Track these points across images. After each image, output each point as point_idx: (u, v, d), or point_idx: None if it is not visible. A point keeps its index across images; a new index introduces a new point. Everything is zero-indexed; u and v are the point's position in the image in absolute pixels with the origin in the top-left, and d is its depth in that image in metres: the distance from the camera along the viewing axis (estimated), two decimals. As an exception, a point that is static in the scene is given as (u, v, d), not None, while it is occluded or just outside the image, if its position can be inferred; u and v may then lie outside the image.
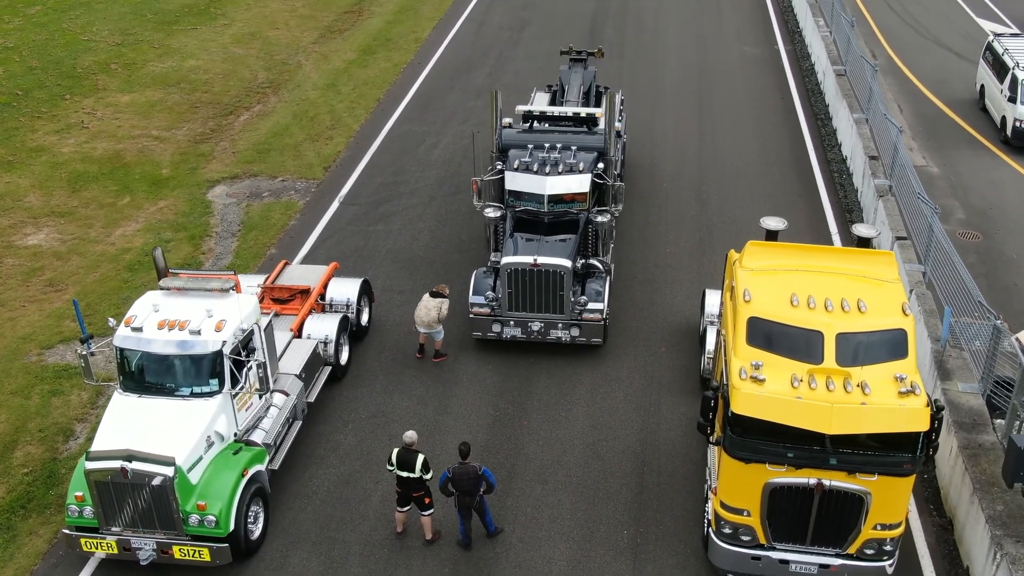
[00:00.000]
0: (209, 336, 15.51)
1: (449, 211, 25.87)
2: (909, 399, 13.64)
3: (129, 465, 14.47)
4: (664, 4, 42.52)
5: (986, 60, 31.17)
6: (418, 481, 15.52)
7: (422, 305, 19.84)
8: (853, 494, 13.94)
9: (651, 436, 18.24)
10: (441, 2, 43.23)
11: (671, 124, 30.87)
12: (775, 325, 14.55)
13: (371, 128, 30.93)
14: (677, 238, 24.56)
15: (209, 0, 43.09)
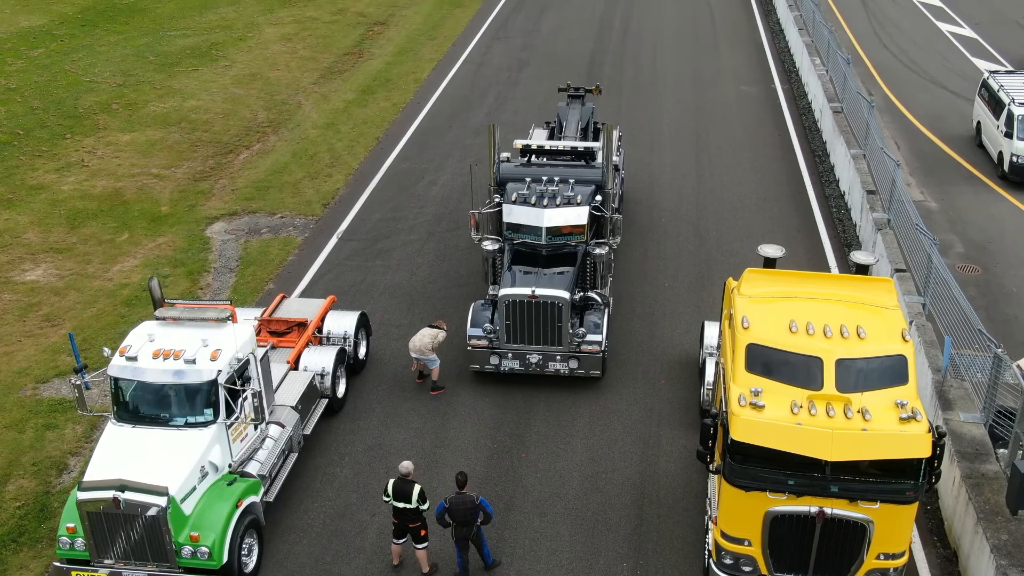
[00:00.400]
0: (204, 365, 15.41)
1: (447, 246, 25.86)
2: (910, 425, 13.50)
3: (122, 495, 14.30)
4: (661, 45, 42.89)
5: (982, 97, 31.33)
6: (414, 512, 15.33)
7: (418, 333, 19.93)
8: (855, 522, 13.74)
9: (651, 468, 18.05)
10: (440, 44, 43.60)
11: (669, 160, 30.97)
12: (774, 351, 14.45)
13: (370, 166, 31.04)
14: (676, 272, 24.52)
15: (210, 43, 43.49)
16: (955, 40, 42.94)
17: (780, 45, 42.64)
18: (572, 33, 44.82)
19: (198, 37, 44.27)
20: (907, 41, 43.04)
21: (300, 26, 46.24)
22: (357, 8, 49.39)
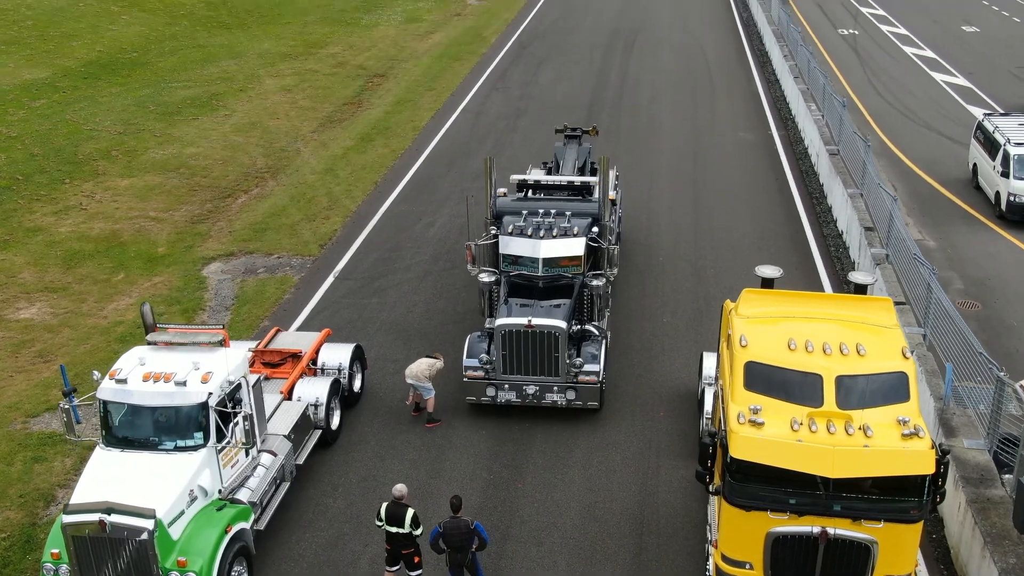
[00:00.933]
0: (194, 387, 15.18)
1: (445, 285, 25.74)
2: (913, 441, 13.23)
3: (108, 518, 13.97)
4: (658, 94, 43.23)
5: (977, 139, 31.47)
6: (407, 537, 14.97)
7: (416, 361, 19.82)
8: (859, 543, 13.39)
9: (650, 498, 17.70)
10: (439, 95, 43.97)
11: (666, 203, 31.01)
12: (773, 369, 14.22)
13: (368, 209, 31.07)
14: (674, 308, 24.36)
15: (211, 93, 43.87)
16: (949, 88, 43.32)
17: (776, 94, 42.99)
18: (570, 84, 45.23)
19: (199, 88, 44.66)
20: (901, 90, 43.41)
21: (300, 78, 46.69)
22: (357, 61, 49.93)
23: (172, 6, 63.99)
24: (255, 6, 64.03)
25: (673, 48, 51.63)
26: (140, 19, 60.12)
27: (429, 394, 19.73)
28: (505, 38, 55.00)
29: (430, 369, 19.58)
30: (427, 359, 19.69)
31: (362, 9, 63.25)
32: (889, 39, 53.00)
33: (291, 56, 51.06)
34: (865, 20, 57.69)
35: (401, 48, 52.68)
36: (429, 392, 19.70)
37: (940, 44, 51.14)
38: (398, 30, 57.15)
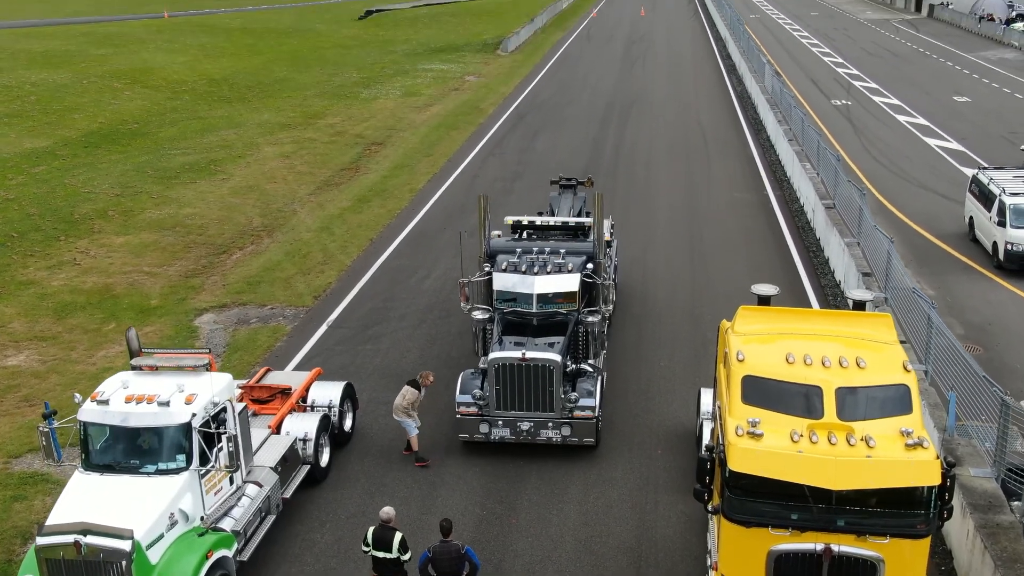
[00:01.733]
0: (178, 408, 14.80)
1: (439, 332, 25.45)
2: (917, 452, 12.81)
3: (83, 539, 13.45)
4: (654, 159, 43.48)
5: (972, 192, 31.53)
6: (395, 563, 14.42)
7: (399, 393, 19.47)
8: (865, 560, 12.85)
9: (648, 533, 17.13)
10: (436, 160, 44.23)
11: (662, 257, 30.88)
12: (771, 382, 13.86)
13: (363, 263, 30.92)
14: (671, 353, 24.02)
15: (210, 160, 44.15)
16: (943, 152, 43.61)
17: (771, 158, 43.25)
18: (566, 150, 45.53)
19: (198, 155, 44.97)
20: (896, 154, 43.69)
21: (299, 145, 47.05)
22: (355, 131, 50.39)
23: (174, 83, 64.99)
24: (256, 83, 65.00)
25: (668, 118, 52.19)
26: (142, 95, 60.97)
27: (412, 432, 19.24)
28: (502, 110, 55.63)
29: (403, 400, 19.15)
30: (410, 389, 19.28)
31: (361, 85, 64.17)
32: (882, 108, 53.60)
33: (290, 126, 51.58)
34: (857, 92, 58.44)
35: (399, 119, 53.25)
36: (412, 429, 19.23)
37: (932, 113, 51.71)
38: (397, 103, 57.84)
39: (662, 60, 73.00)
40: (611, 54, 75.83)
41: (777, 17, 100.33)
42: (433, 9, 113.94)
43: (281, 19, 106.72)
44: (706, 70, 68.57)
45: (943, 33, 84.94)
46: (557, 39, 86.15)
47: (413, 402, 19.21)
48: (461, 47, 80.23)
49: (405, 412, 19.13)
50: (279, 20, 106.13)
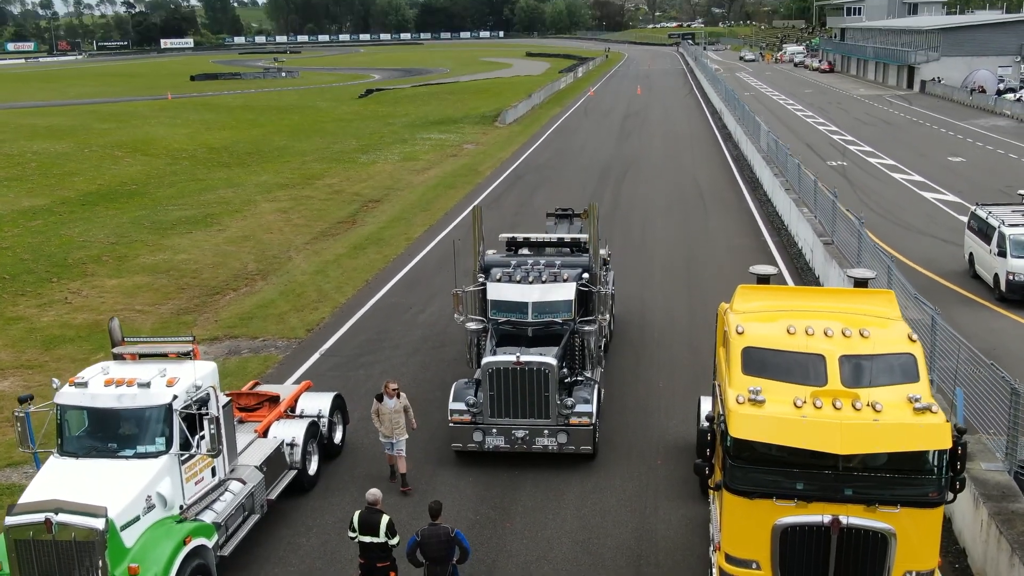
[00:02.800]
0: (159, 389, 14.32)
1: (433, 359, 24.97)
2: (926, 416, 12.30)
3: (55, 517, 12.83)
4: (651, 212, 43.35)
5: (971, 228, 31.35)
6: (382, 548, 13.75)
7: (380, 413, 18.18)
8: (876, 533, 12.22)
9: (648, 534, 16.45)
10: (433, 214, 44.17)
11: (660, 295, 30.55)
12: (772, 352, 13.40)
13: (357, 300, 30.57)
14: (670, 376, 23.51)
15: (207, 214, 44.15)
16: (940, 204, 43.60)
17: (768, 210, 43.17)
18: (563, 204, 45.38)
19: (194, 211, 44.98)
20: (893, 206, 43.62)
21: (296, 202, 47.10)
22: (353, 189, 50.52)
23: (174, 151, 65.55)
24: (255, 150, 65.50)
25: (665, 178, 52.32)
26: (142, 161, 61.41)
27: (403, 449, 18.18)
28: (500, 172, 55.88)
29: (398, 412, 18.11)
30: (390, 400, 18.11)
31: (360, 151, 64.64)
32: (878, 168, 53.80)
33: (288, 186, 51.74)
34: (853, 154, 58.76)
35: (397, 180, 53.44)
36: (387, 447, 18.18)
37: (928, 171, 51.87)
38: (395, 166, 58.16)
39: (658, 130, 73.70)
40: (608, 125, 76.59)
41: (771, 94, 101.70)
42: (432, 89, 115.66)
43: (283, 99, 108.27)
44: (702, 137, 69.18)
45: (936, 106, 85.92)
46: (554, 114, 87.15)
47: (376, 411, 18.07)
48: (459, 119, 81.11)
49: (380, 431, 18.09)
50: (280, 99, 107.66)
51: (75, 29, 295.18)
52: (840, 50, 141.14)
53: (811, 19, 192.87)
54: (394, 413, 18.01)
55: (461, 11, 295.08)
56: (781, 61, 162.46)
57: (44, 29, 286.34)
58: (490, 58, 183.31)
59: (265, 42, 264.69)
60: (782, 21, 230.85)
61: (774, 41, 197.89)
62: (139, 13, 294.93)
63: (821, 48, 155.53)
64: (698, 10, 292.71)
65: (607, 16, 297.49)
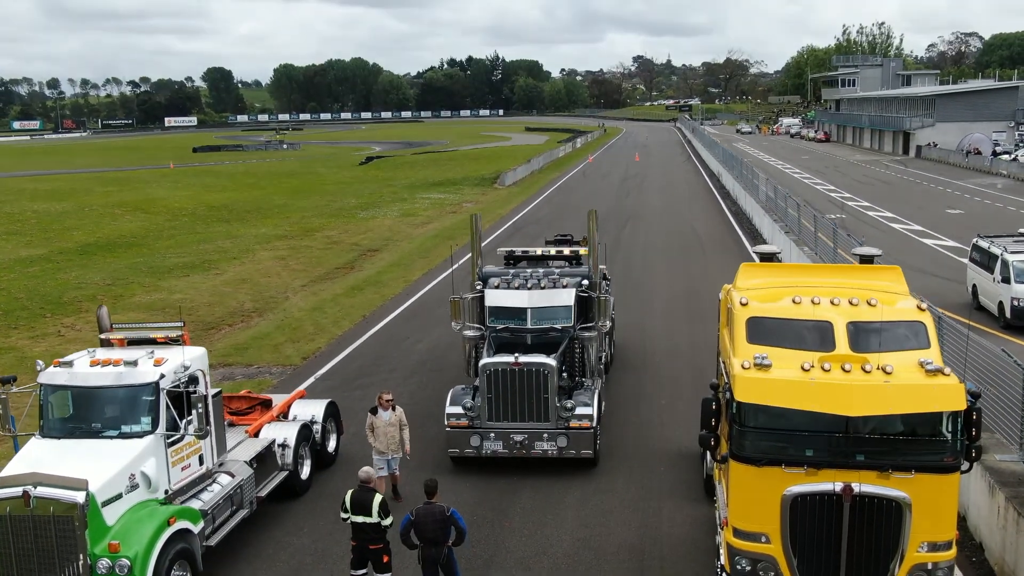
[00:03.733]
0: (145, 368, 13.90)
1: (430, 380, 24.50)
2: (938, 377, 11.88)
3: (33, 491, 12.30)
4: (650, 253, 43.18)
5: (974, 260, 31.14)
6: (375, 529, 13.19)
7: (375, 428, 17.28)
8: (890, 501, 11.69)
9: (652, 532, 15.85)
10: (432, 260, 43.91)
11: (661, 323, 30.22)
12: (778, 321, 13.04)
13: (355, 332, 30.19)
14: (672, 393, 23.03)
15: (204, 260, 43.97)
16: (941, 249, 43.45)
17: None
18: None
19: (192, 257, 44.81)
20: (895, 251, 43.25)
21: (294, 250, 46.97)
22: (352, 240, 50.42)
23: (174, 210, 65.72)
24: (255, 208, 65.63)
25: (665, 228, 52.27)
26: (141, 218, 61.48)
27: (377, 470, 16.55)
28: (500, 224, 55.89)
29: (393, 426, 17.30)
30: (384, 412, 17.38)
31: (360, 208, 64.79)
32: (877, 219, 53.80)
33: (287, 237, 51.67)
34: (851, 209, 58.82)
35: (397, 232, 53.39)
36: (379, 466, 17.08)
37: (927, 222, 51.85)
38: (395, 220, 58.19)
39: (657, 188, 74.04)
40: (607, 186, 76.94)
41: (769, 160, 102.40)
42: (432, 155, 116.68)
43: (284, 166, 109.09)
44: (700, 195, 69.43)
45: (932, 168, 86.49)
46: (553, 177, 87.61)
47: (370, 425, 17.22)
48: (459, 181, 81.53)
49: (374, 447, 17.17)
50: (281, 167, 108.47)
51: (81, 108, 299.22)
52: (836, 120, 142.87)
53: (806, 94, 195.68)
54: (388, 426, 17.17)
55: (461, 90, 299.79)
56: (777, 133, 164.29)
57: (50, 108, 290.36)
58: (490, 132, 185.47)
59: (268, 120, 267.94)
60: (778, 97, 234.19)
61: (770, 115, 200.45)
62: (144, 92, 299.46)
63: (817, 119, 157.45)
64: (694, 88, 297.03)
65: (605, 94, 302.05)
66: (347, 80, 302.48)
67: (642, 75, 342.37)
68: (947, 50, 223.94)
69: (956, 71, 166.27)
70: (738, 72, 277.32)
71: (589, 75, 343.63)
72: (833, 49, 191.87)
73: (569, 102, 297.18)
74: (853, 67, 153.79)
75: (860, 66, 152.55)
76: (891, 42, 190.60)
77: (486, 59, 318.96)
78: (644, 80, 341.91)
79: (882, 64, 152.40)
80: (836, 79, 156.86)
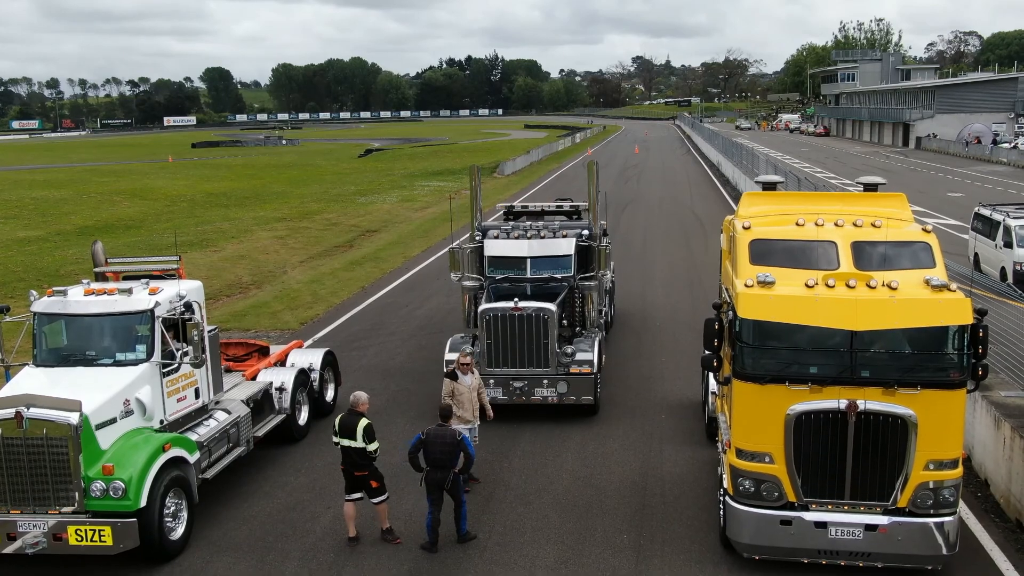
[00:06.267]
0: (140, 296, 13.74)
1: (429, 342, 24.29)
2: (944, 293, 11.72)
3: (26, 412, 12.12)
4: (651, 236, 42.95)
5: (976, 229, 30.97)
6: (360, 454, 12.99)
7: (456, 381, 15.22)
8: (895, 418, 11.52)
9: (654, 471, 15.68)
10: (431, 239, 43.67)
11: (661, 292, 30.04)
12: (781, 242, 12.90)
13: (353, 301, 30.01)
14: (672, 352, 22.82)
15: (203, 239, 43.80)
16: (943, 227, 43.28)
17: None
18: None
19: (191, 237, 44.63)
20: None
21: (293, 231, 46.78)
22: (351, 222, 50.22)
23: (173, 197, 65.50)
24: (254, 195, 65.43)
25: (664, 212, 52.06)
26: (140, 204, 61.26)
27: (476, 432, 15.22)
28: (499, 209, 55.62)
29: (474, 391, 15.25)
30: (466, 377, 15.20)
31: (358, 194, 64.62)
32: (877, 202, 53.69)
33: (285, 219, 51.48)
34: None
35: (395, 215, 53.19)
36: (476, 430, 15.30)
37: (928, 204, 51.66)
38: (393, 205, 58.01)
39: (657, 176, 73.93)
40: (607, 174, 76.55)
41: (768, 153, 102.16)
42: (432, 148, 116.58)
43: (282, 159, 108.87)
44: (700, 182, 69.30)
45: (932, 157, 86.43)
46: (552, 168, 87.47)
47: (450, 392, 15.18)
48: (458, 171, 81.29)
49: (459, 416, 14.88)
50: (280, 158, 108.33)
51: (80, 108, 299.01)
52: (835, 114, 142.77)
53: (805, 91, 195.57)
54: (471, 391, 15.28)
55: (460, 90, 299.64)
56: (777, 128, 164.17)
57: (49, 108, 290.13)
58: (489, 130, 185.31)
59: (267, 120, 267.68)
60: (777, 94, 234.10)
61: (770, 112, 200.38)
62: (143, 92, 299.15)
63: (816, 114, 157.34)
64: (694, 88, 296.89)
65: (604, 93, 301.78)
66: (346, 80, 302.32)
67: (641, 76, 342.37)
68: (946, 49, 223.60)
69: (955, 68, 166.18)
70: (737, 72, 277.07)
71: (588, 75, 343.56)
72: (832, 46, 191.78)
73: (568, 101, 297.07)
74: (852, 62, 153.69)
75: (859, 61, 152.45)
76: (890, 38, 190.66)
77: (485, 59, 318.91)
78: (643, 80, 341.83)
79: (881, 58, 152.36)
80: (835, 74, 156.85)
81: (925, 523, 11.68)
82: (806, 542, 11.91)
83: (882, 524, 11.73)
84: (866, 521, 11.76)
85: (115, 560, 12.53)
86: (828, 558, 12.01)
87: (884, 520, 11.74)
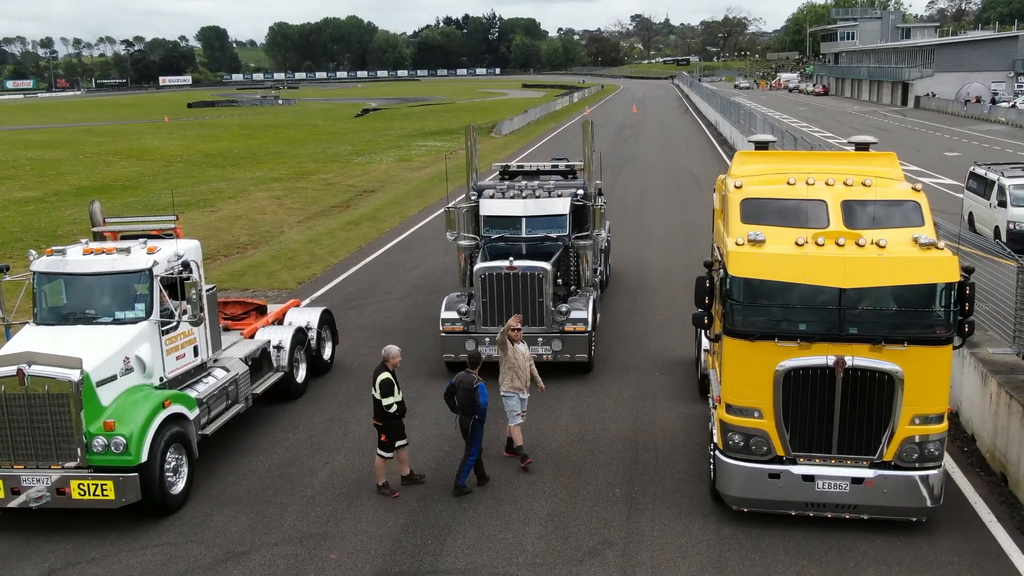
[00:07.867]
0: (139, 255, 13.90)
1: (426, 301, 24.48)
2: (931, 251, 11.89)
3: (28, 369, 12.31)
4: (648, 194, 43.04)
5: (970, 188, 31.08)
6: (377, 406, 13.26)
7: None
8: (882, 374, 11.74)
9: (646, 427, 15.92)
10: (428, 199, 43.66)
11: (657, 251, 30.23)
12: (772, 201, 13.04)
13: (350, 261, 30.17)
14: (668, 311, 22.99)
15: (200, 199, 43.86)
16: (938, 186, 43.37)
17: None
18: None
19: (188, 197, 44.65)
20: (890, 189, 43.39)
21: (290, 191, 46.82)
22: (348, 182, 50.23)
23: (169, 157, 65.41)
24: (250, 155, 65.32)
25: (661, 170, 52.10)
26: (136, 165, 61.20)
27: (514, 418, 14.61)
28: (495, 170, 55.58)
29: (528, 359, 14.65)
30: (520, 346, 14.61)
31: (355, 154, 64.54)
32: (874, 162, 53.69)
33: (282, 179, 51.48)
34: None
35: (392, 175, 53.18)
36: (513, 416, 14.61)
37: (924, 163, 51.74)
38: (390, 165, 57.99)
39: (654, 136, 73.83)
40: (604, 134, 76.43)
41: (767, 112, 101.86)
42: (428, 108, 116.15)
43: (279, 119, 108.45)
44: (697, 142, 69.19)
45: (930, 116, 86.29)
46: (550, 127, 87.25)
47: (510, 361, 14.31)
48: (455, 131, 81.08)
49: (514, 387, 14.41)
50: (276, 119, 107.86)
51: (74, 68, 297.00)
52: (834, 73, 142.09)
53: (805, 50, 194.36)
54: (526, 360, 14.61)
55: (458, 49, 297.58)
56: (776, 88, 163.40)
57: (44, 68, 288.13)
58: (487, 89, 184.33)
59: (264, 79, 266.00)
60: (776, 53, 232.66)
61: (769, 71, 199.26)
62: (138, 51, 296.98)
63: (815, 73, 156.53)
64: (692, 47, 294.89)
65: (602, 52, 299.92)
66: (343, 39, 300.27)
67: (640, 34, 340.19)
68: (947, 7, 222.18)
69: (956, 27, 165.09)
70: (736, 30, 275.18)
71: (587, 34, 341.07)
72: (832, 4, 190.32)
73: (566, 60, 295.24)
74: (852, 20, 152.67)
75: (859, 19, 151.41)
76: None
77: (483, 17, 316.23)
78: (642, 39, 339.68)
79: (881, 17, 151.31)
80: (835, 33, 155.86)
81: (910, 476, 11.94)
82: (794, 495, 12.18)
83: (868, 477, 12.00)
84: (852, 474, 12.03)
85: (118, 513, 12.79)
86: (815, 510, 12.28)
87: (870, 473, 12.01)
